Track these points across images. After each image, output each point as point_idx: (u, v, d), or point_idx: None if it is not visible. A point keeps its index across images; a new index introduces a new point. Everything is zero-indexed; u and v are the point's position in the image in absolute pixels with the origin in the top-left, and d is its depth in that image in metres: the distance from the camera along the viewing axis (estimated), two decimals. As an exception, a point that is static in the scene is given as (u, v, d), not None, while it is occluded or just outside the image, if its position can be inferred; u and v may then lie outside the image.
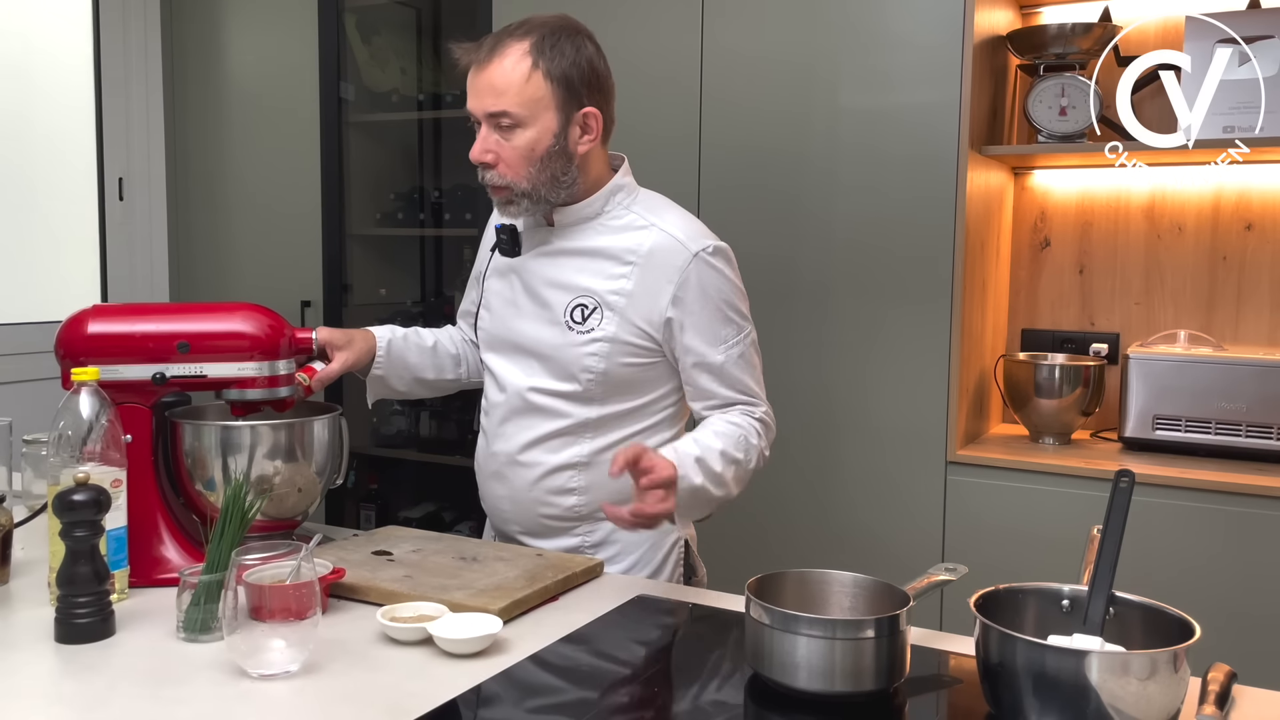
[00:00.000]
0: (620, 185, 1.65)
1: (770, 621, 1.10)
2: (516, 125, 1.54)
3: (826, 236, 2.48)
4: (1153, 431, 2.33)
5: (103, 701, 1.10)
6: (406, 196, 3.34)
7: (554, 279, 1.63)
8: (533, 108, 1.53)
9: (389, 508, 3.35)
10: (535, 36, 1.54)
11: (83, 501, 1.23)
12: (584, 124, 1.57)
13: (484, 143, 1.56)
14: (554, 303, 1.62)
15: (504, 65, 1.53)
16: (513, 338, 1.68)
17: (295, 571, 1.19)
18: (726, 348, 1.60)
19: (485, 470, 1.73)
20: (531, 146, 1.55)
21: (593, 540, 1.68)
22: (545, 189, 1.57)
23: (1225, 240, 2.52)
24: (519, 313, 1.67)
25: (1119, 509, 1.09)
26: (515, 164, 1.56)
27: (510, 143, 1.55)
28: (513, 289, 1.69)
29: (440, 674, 1.17)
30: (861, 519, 2.46)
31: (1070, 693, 0.97)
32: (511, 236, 1.67)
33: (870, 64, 2.41)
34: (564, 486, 1.65)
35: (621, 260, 1.60)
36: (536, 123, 1.54)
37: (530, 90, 1.53)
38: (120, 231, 3.37)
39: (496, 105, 1.53)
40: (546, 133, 1.55)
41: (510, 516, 1.70)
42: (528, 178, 1.56)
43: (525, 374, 1.66)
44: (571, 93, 1.55)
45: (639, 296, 1.58)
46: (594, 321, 1.59)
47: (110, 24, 3.31)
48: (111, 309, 1.49)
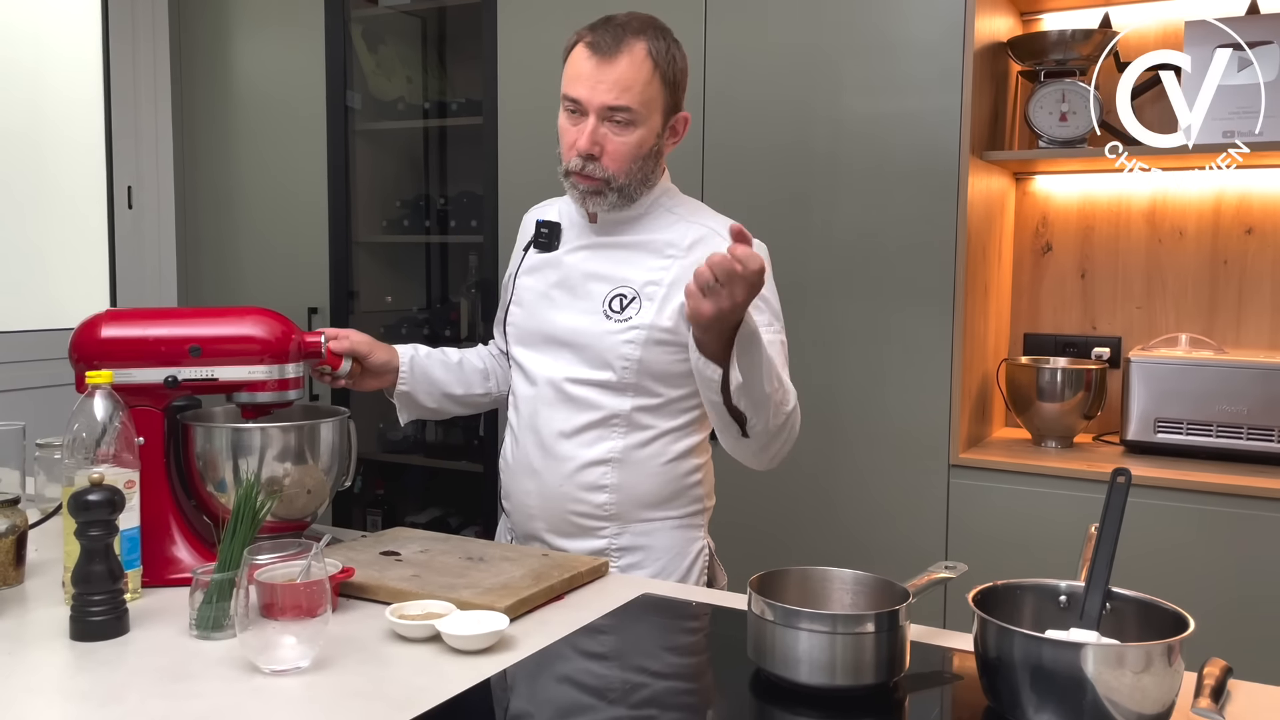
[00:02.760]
0: (665, 189, 1.70)
1: (772, 617, 1.12)
2: (632, 123, 1.58)
3: (829, 241, 2.50)
4: (1154, 434, 2.35)
5: (118, 697, 1.12)
6: (412, 204, 3.37)
7: (593, 271, 1.66)
8: (649, 108, 1.59)
9: (395, 512, 3.37)
10: (650, 36, 1.58)
11: (98, 501, 1.25)
12: (674, 127, 1.65)
13: (593, 134, 1.58)
14: (593, 293, 1.65)
15: (632, 62, 1.56)
16: (546, 329, 1.69)
17: (305, 570, 1.21)
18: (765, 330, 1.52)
19: (514, 467, 1.74)
20: (640, 144, 1.59)
21: (619, 544, 1.68)
22: (635, 185, 1.62)
23: (1226, 244, 2.53)
24: (553, 305, 1.69)
25: (1115, 506, 1.11)
26: (621, 159, 1.59)
27: (620, 138, 1.58)
28: (547, 282, 1.71)
29: (448, 670, 1.19)
30: (866, 521, 2.48)
31: (1067, 685, 0.99)
32: (553, 231, 1.71)
33: (872, 69, 2.43)
34: (596, 483, 1.66)
35: (662, 254, 1.64)
36: (647, 122, 1.59)
37: (650, 91, 1.58)
38: (129, 239, 3.40)
39: (619, 100, 1.56)
40: (652, 133, 1.60)
41: (537, 513, 1.70)
42: (627, 173, 1.60)
43: (558, 364, 1.67)
44: (673, 96, 1.62)
45: (678, 285, 1.60)
46: (632, 310, 1.62)
47: (119, 33, 3.34)
48: (124, 313, 1.52)
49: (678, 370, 1.64)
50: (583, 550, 1.67)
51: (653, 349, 1.62)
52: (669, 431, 1.68)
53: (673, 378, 1.65)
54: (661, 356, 1.63)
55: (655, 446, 1.67)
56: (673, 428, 1.68)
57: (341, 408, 1.67)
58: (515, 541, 1.79)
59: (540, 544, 1.72)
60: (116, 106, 3.35)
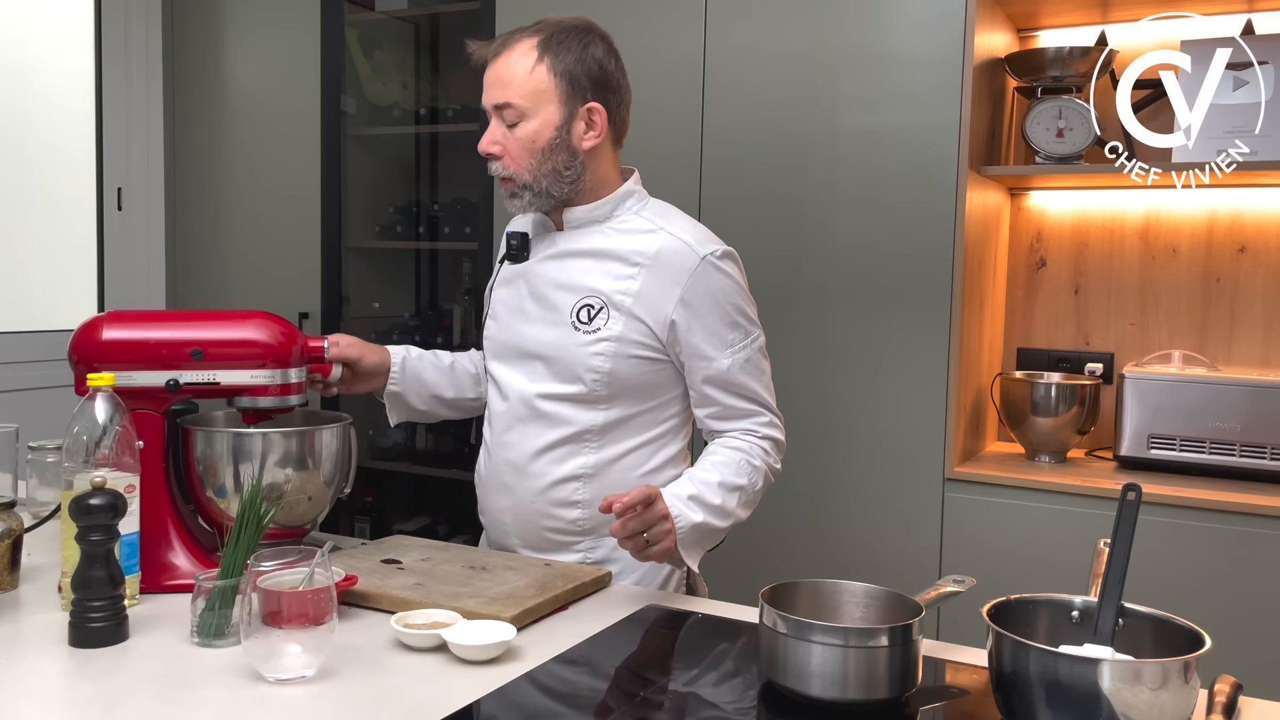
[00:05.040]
0: (631, 191, 1.68)
1: (785, 629, 1.12)
2: (520, 117, 1.58)
3: (826, 255, 2.50)
4: (1147, 450, 2.36)
5: (119, 705, 1.11)
6: (405, 210, 3.36)
7: (560, 280, 1.65)
8: (535, 100, 1.58)
9: (384, 520, 3.35)
10: (545, 33, 1.60)
11: (100, 505, 1.23)
12: (588, 119, 1.60)
13: (491, 134, 1.61)
14: (560, 304, 1.63)
15: (510, 59, 1.59)
16: (518, 343, 1.68)
17: (310, 578, 1.19)
18: (732, 352, 1.61)
19: (488, 483, 1.73)
20: (533, 138, 1.59)
21: (595, 557, 1.67)
22: (548, 181, 1.60)
23: (1219, 262, 2.55)
24: (524, 317, 1.68)
25: (1127, 521, 1.11)
26: (518, 155, 1.60)
27: (514, 134, 1.59)
28: (519, 295, 1.70)
29: (455, 680, 1.18)
30: (860, 534, 2.48)
31: (1083, 701, 0.98)
32: (521, 243, 1.70)
33: (871, 84, 2.44)
34: (568, 499, 1.65)
35: (629, 261, 1.61)
36: (538, 115, 1.58)
37: (533, 83, 1.57)
38: (119, 241, 3.37)
39: (501, 96, 1.58)
40: (548, 125, 1.58)
41: (511, 529, 1.70)
42: (529, 169, 1.60)
43: (529, 379, 1.66)
44: (575, 88, 1.59)
45: (645, 297, 1.59)
46: (600, 321, 1.60)
47: (111, 34, 3.32)
48: (126, 315, 1.50)
49: (649, 382, 1.64)
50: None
51: (623, 361, 1.60)
52: (644, 444, 1.67)
53: (645, 389, 1.64)
54: (633, 368, 1.61)
55: (629, 460, 1.66)
56: (647, 440, 1.67)
57: (343, 414, 1.66)
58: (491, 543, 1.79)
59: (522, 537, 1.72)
60: (108, 107, 3.32)
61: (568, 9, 2.75)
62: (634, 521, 1.41)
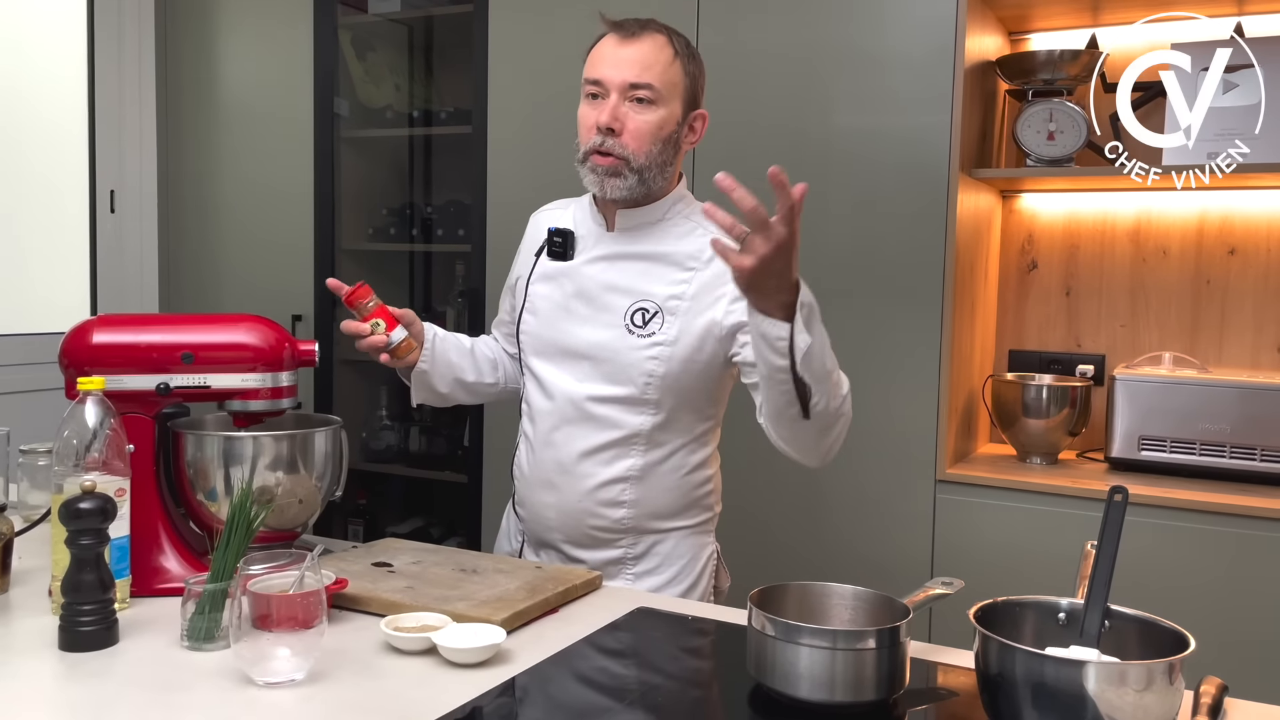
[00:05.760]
0: (682, 195, 1.71)
1: (773, 632, 1.12)
2: (654, 101, 1.60)
3: (818, 256, 2.50)
4: (1138, 452, 2.37)
5: (109, 708, 1.11)
6: (399, 212, 3.36)
7: (613, 283, 1.66)
8: (671, 90, 1.62)
9: (377, 523, 3.35)
10: (670, 33, 1.64)
11: (89, 509, 1.23)
12: (693, 124, 1.68)
13: (615, 110, 1.60)
14: (613, 306, 1.65)
15: (652, 45, 1.61)
16: (564, 341, 1.68)
17: (299, 581, 1.20)
18: None
19: (532, 478, 1.73)
20: (660, 124, 1.61)
21: (635, 553, 1.70)
22: (653, 172, 1.63)
23: (1209, 264, 2.56)
24: (571, 317, 1.68)
25: (1113, 523, 1.11)
26: (642, 137, 1.60)
27: (642, 116, 1.60)
28: (564, 292, 1.70)
29: (444, 683, 1.18)
30: (852, 536, 2.48)
31: (1069, 703, 0.99)
32: (566, 240, 1.71)
33: (863, 87, 2.45)
34: (615, 499, 1.67)
35: (683, 266, 1.64)
36: (668, 105, 1.62)
37: (672, 74, 1.62)
38: (111, 244, 3.36)
39: (642, 77, 1.59)
40: (672, 118, 1.63)
41: (555, 525, 1.71)
42: (647, 154, 1.61)
43: (577, 379, 1.67)
44: (694, 88, 1.66)
45: (700, 300, 1.62)
46: (655, 326, 1.62)
47: (104, 37, 3.32)
48: (116, 319, 1.50)
49: (697, 386, 1.66)
50: (599, 559, 1.69)
51: (676, 365, 1.62)
52: (685, 445, 1.69)
53: (691, 392, 1.66)
54: (683, 371, 1.63)
55: (673, 461, 1.68)
56: (688, 441, 1.69)
57: (333, 417, 1.66)
58: (526, 544, 1.79)
59: (555, 552, 1.73)
60: (100, 109, 3.32)
61: (563, 11, 2.77)
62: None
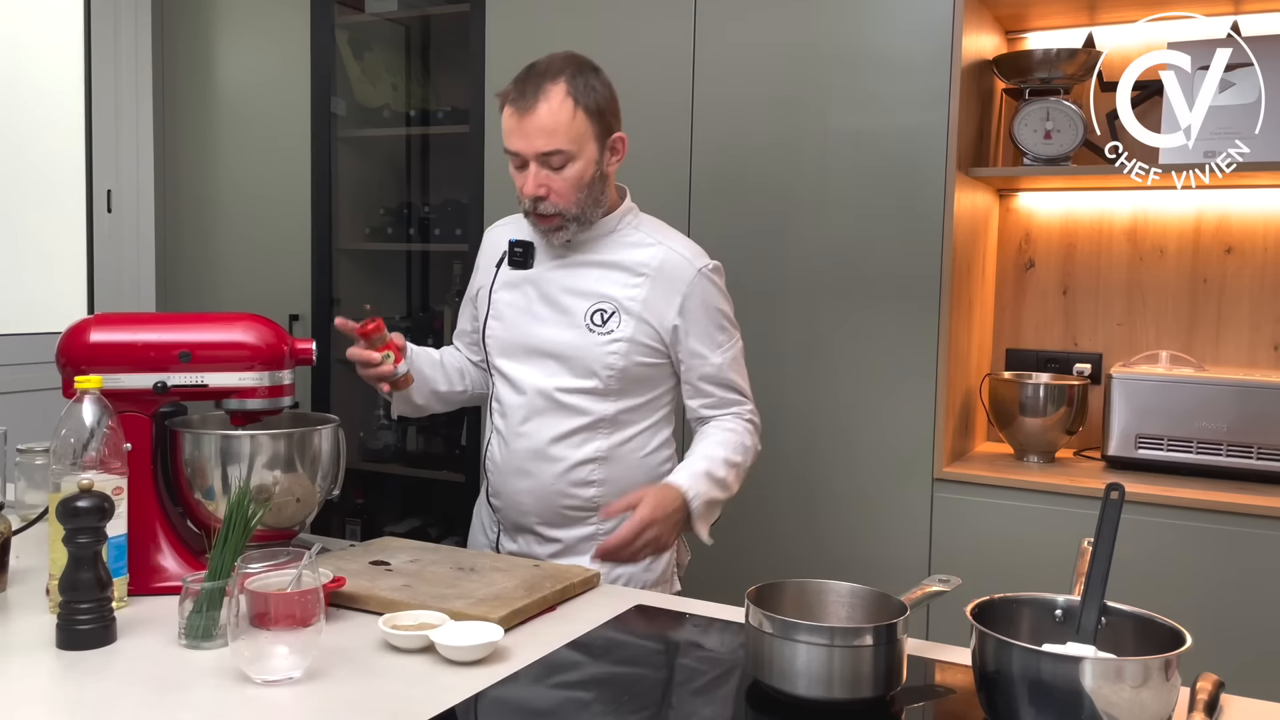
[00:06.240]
0: (630, 208, 1.85)
1: (771, 629, 1.12)
2: (568, 160, 1.70)
3: (815, 254, 2.51)
4: (1135, 450, 2.37)
5: (107, 706, 1.11)
6: (396, 211, 3.36)
7: (573, 287, 1.79)
8: (581, 141, 1.70)
9: (375, 522, 3.35)
10: (567, 76, 1.69)
11: (87, 508, 1.23)
12: (613, 147, 1.77)
13: (536, 178, 1.70)
14: (574, 308, 1.78)
15: (550, 108, 1.67)
16: (529, 341, 1.81)
17: (297, 579, 1.20)
18: (722, 351, 1.81)
19: (505, 468, 1.84)
20: (580, 176, 1.71)
21: (606, 529, 1.79)
22: (589, 210, 1.75)
23: (1206, 263, 2.56)
24: (536, 319, 1.81)
25: (1110, 521, 1.12)
26: (567, 194, 1.71)
27: (561, 175, 1.70)
28: (527, 298, 1.82)
29: (442, 681, 1.18)
30: (849, 535, 2.49)
31: (1065, 699, 0.99)
32: (526, 250, 1.83)
33: (859, 86, 2.45)
34: (586, 479, 1.80)
35: (635, 272, 1.78)
36: (583, 154, 1.71)
37: (578, 126, 1.69)
38: (108, 243, 3.36)
39: (550, 145, 1.68)
40: (590, 162, 1.72)
41: (530, 509, 1.83)
42: (577, 203, 1.72)
43: (545, 375, 1.80)
44: (603, 122, 1.73)
45: (652, 303, 1.77)
46: (613, 324, 1.76)
47: (101, 36, 3.31)
48: (113, 318, 1.50)
49: (652, 376, 1.82)
50: (573, 536, 1.82)
51: (633, 359, 1.77)
52: (645, 429, 1.85)
53: (647, 382, 1.82)
54: (640, 365, 1.79)
55: (636, 442, 1.84)
56: (648, 425, 1.85)
57: (331, 415, 1.66)
58: (502, 533, 1.89)
59: (532, 535, 1.85)
60: (97, 108, 3.32)
61: (560, 11, 2.77)
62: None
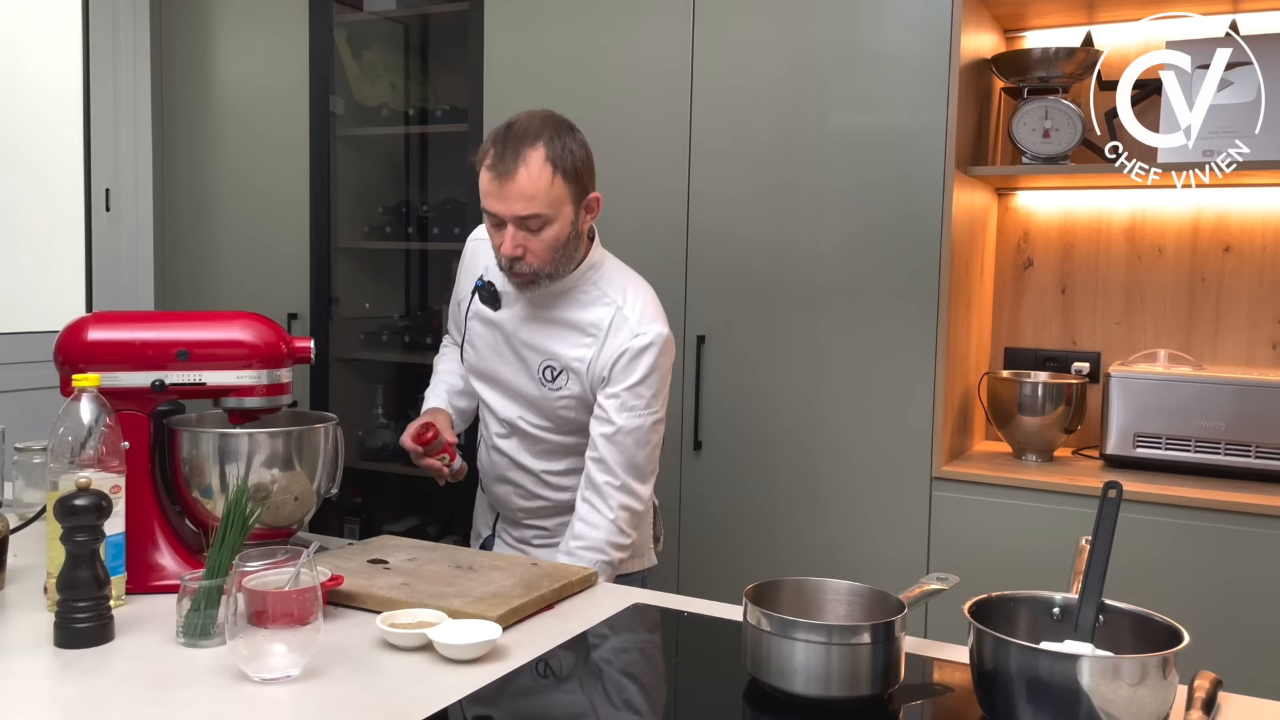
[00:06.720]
0: (593, 262, 1.86)
1: (768, 627, 1.12)
2: (545, 223, 1.73)
3: (814, 253, 2.51)
4: (1133, 449, 2.37)
5: (105, 705, 1.11)
6: (394, 210, 3.35)
7: (528, 341, 1.86)
8: (557, 206, 1.73)
9: (373, 521, 3.35)
10: (545, 139, 1.72)
11: (85, 506, 1.23)
12: (589, 206, 1.80)
13: (514, 240, 1.73)
14: (529, 360, 1.87)
15: (529, 174, 1.70)
16: (498, 378, 1.92)
17: (295, 577, 1.20)
18: (629, 417, 1.80)
19: (490, 472, 2.01)
20: (556, 237, 1.75)
21: None
22: (562, 267, 1.79)
23: (1204, 262, 2.56)
24: (500, 360, 1.91)
25: (1108, 519, 1.12)
26: (543, 254, 1.75)
27: (539, 237, 1.74)
28: (495, 338, 1.91)
29: (440, 679, 1.18)
30: (848, 533, 2.49)
31: (1063, 697, 0.99)
32: (492, 293, 1.88)
33: (858, 85, 2.45)
34: (566, 485, 1.93)
35: (586, 332, 1.83)
36: (560, 217, 1.74)
37: (556, 192, 1.72)
38: (106, 242, 3.36)
39: (528, 210, 1.71)
40: (566, 223, 1.75)
41: (517, 506, 1.99)
42: (551, 263, 1.77)
43: (512, 408, 1.91)
44: (580, 184, 1.76)
45: (594, 363, 1.82)
46: (562, 381, 1.84)
47: (100, 34, 3.31)
48: (111, 316, 1.50)
49: None
50: (560, 522, 1.94)
51: (583, 412, 1.85)
52: None
53: None
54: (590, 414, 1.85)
55: None
56: None
57: (329, 414, 1.66)
58: (499, 521, 2.04)
59: (524, 527, 1.99)
60: (96, 107, 3.31)
61: (558, 8, 2.77)
62: None
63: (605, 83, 2.71)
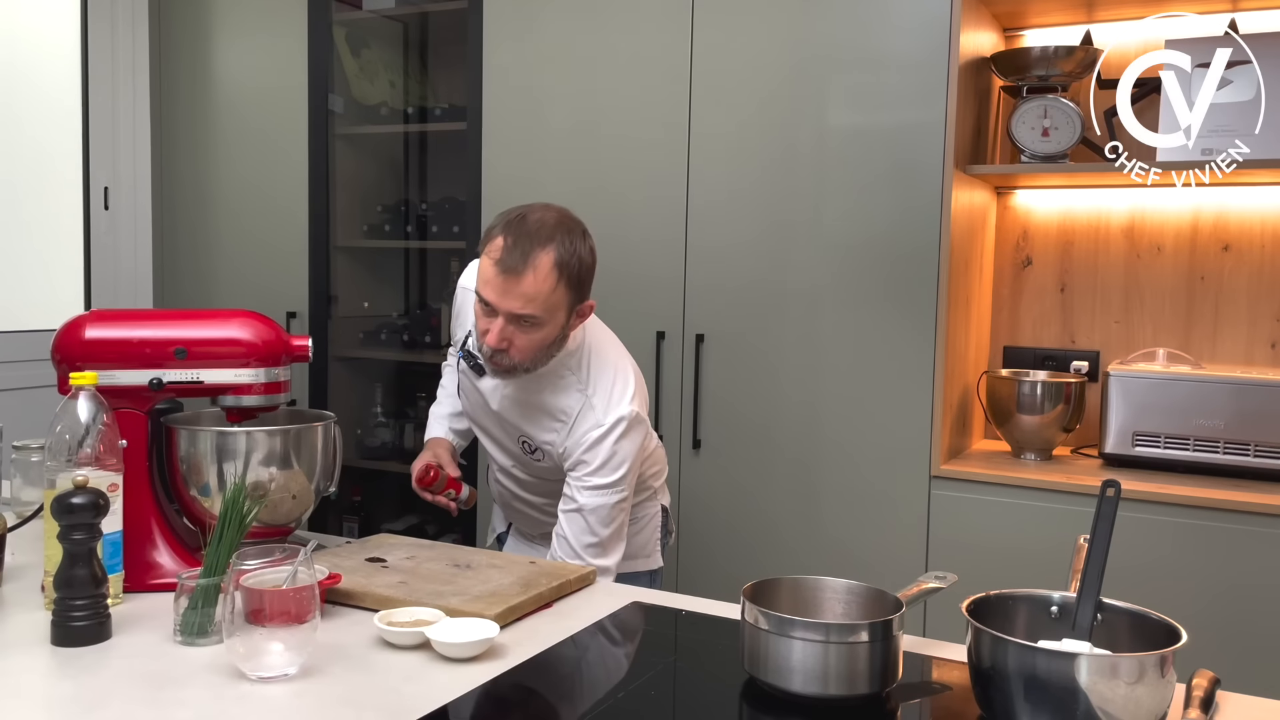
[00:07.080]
0: (571, 351, 1.84)
1: (766, 626, 1.12)
2: (538, 325, 1.72)
3: (813, 253, 2.51)
4: (1132, 448, 2.37)
5: (102, 703, 1.11)
6: (393, 209, 3.35)
7: (504, 416, 1.88)
8: (553, 312, 1.72)
9: (372, 520, 3.35)
10: (558, 242, 1.70)
11: (82, 504, 1.23)
12: (580, 312, 1.79)
13: (501, 332, 1.71)
14: (509, 430, 1.90)
15: (536, 278, 1.68)
16: (488, 431, 1.96)
17: (293, 576, 1.20)
18: (591, 494, 1.79)
19: (496, 492, 2.09)
20: (545, 339, 1.75)
21: None
22: (540, 363, 1.79)
23: (1203, 260, 2.56)
24: (488, 418, 1.93)
25: (1106, 517, 1.12)
26: (527, 351, 1.74)
27: (528, 335, 1.72)
28: (480, 399, 1.92)
29: (438, 678, 1.18)
30: (847, 533, 2.49)
31: (1060, 695, 0.99)
32: (476, 363, 1.86)
33: (856, 83, 2.44)
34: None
35: (556, 418, 1.83)
36: (552, 321, 1.73)
37: (555, 299, 1.71)
38: (105, 241, 3.36)
39: (526, 309, 1.69)
40: (557, 327, 1.75)
41: (526, 518, 2.05)
42: (535, 359, 1.77)
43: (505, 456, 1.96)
44: (579, 292, 1.76)
45: (562, 446, 1.83)
46: (539, 455, 1.87)
47: (98, 32, 3.31)
48: (109, 314, 1.50)
49: None
50: None
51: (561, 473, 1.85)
52: None
53: None
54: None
55: None
56: None
57: (327, 412, 1.66)
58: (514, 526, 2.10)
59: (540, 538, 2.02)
60: (94, 105, 3.31)
61: (554, 10, 2.77)
62: None
63: (605, 81, 2.71)
